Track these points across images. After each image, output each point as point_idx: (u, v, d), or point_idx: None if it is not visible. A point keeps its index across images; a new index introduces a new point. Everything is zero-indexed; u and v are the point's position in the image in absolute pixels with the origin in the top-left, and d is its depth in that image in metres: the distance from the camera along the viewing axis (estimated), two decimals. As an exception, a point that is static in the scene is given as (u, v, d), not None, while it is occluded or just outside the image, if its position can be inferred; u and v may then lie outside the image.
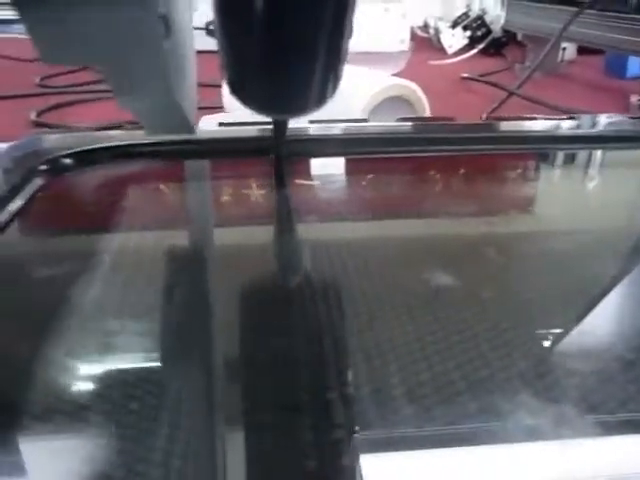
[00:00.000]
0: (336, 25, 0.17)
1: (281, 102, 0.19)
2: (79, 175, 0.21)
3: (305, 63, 0.18)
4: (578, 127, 0.31)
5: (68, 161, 0.21)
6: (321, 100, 0.20)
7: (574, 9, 0.73)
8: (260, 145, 0.26)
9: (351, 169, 0.28)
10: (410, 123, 0.32)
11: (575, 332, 0.16)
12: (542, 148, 0.31)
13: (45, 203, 0.20)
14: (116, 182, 0.23)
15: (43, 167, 0.20)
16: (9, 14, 1.26)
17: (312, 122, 0.30)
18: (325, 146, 0.28)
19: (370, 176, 0.28)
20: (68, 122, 0.65)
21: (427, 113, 0.48)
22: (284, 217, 0.24)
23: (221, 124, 0.29)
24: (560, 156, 0.31)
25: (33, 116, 0.65)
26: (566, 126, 0.32)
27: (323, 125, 0.29)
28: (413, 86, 0.47)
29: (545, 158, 0.31)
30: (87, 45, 0.15)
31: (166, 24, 0.17)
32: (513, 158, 0.31)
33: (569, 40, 0.82)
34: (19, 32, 1.16)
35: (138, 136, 0.24)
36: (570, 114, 0.68)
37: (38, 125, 0.65)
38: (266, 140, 0.26)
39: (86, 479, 0.11)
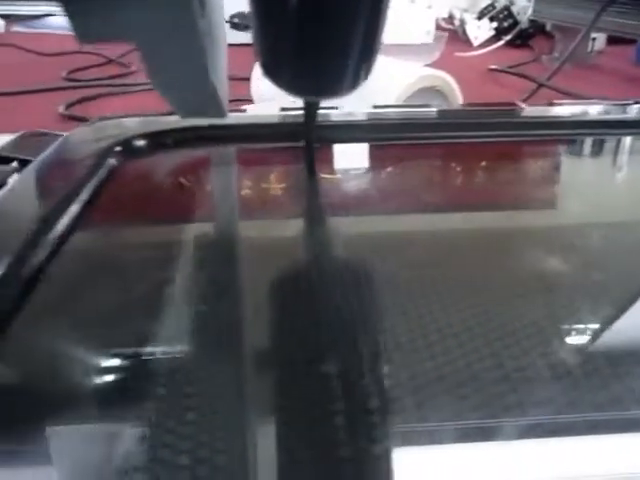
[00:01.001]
0: (375, 4, 0.17)
1: (316, 83, 0.19)
2: (152, 158, 0.21)
3: (343, 43, 0.18)
4: (613, 113, 0.30)
5: (141, 143, 0.21)
6: (355, 82, 0.19)
7: (606, -2, 0.71)
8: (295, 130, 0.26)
9: (375, 160, 0.28)
10: (445, 109, 0.31)
11: (619, 327, 0.16)
12: (582, 133, 0.30)
13: (118, 185, 0.20)
14: (190, 165, 0.24)
15: (117, 149, 0.20)
16: (34, 9, 1.28)
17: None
18: (356, 132, 0.28)
19: (396, 166, 0.27)
20: (95, 115, 0.66)
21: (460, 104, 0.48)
22: (316, 206, 0.24)
23: (284, 109, 0.29)
24: (592, 142, 0.31)
25: (61, 109, 0.66)
26: (600, 111, 0.31)
27: (353, 111, 0.29)
28: (447, 77, 0.46)
29: (581, 144, 0.31)
30: (122, 22, 0.15)
31: (200, 1, 0.16)
32: (550, 144, 0.30)
33: (600, 30, 0.81)
34: (44, 27, 1.17)
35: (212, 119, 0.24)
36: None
37: (66, 118, 0.66)
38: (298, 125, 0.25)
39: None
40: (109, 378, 0.13)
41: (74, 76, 0.80)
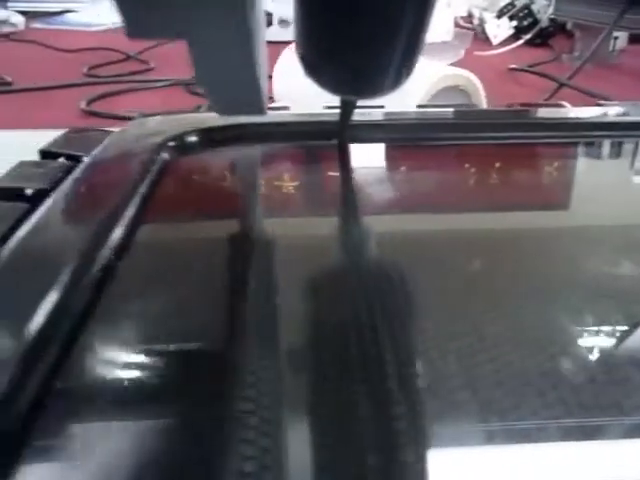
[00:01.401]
0: (422, 4, 0.17)
1: (357, 82, 0.19)
2: (203, 154, 0.22)
3: (388, 42, 0.18)
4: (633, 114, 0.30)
5: (192, 140, 0.21)
6: (397, 82, 0.19)
7: (629, -3, 0.71)
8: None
9: (391, 159, 0.28)
10: (476, 110, 0.31)
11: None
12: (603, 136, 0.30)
13: (174, 181, 0.21)
14: (240, 161, 0.24)
15: (169, 145, 0.20)
16: (52, 6, 1.29)
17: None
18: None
19: (416, 166, 0.27)
20: (117, 111, 0.66)
21: (484, 104, 0.48)
22: (350, 203, 0.24)
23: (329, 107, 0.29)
24: (613, 145, 0.31)
25: (83, 105, 0.67)
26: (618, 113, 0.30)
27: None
28: (471, 76, 0.46)
29: (600, 146, 0.30)
30: (174, 18, 0.15)
31: None
32: (582, 146, 0.30)
33: (622, 29, 0.80)
34: (62, 24, 1.18)
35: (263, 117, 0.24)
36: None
37: (88, 113, 0.67)
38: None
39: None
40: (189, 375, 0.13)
41: (94, 72, 0.81)
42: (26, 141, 0.39)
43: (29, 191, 0.16)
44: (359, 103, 0.25)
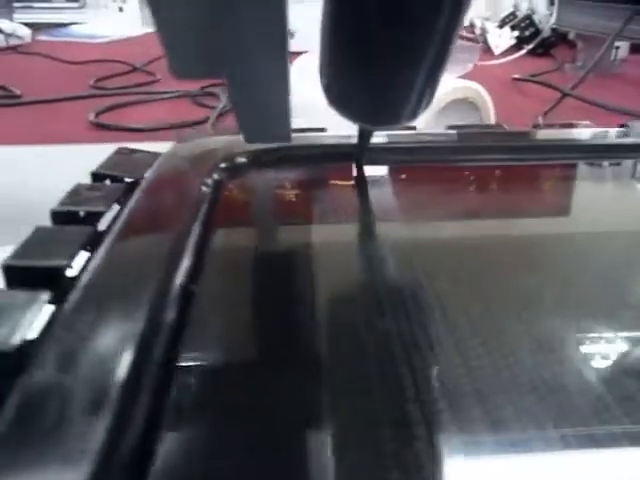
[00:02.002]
0: (447, 38, 0.17)
1: (379, 114, 0.20)
2: (252, 175, 0.22)
3: (412, 78, 0.18)
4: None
5: (243, 161, 0.22)
6: (415, 114, 0.20)
7: (631, 6, 0.72)
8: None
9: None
10: (497, 131, 0.31)
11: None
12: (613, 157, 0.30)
13: (232, 200, 0.21)
14: (290, 181, 0.24)
15: (221, 166, 0.21)
16: (58, 18, 1.30)
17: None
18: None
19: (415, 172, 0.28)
20: (127, 123, 0.67)
21: (492, 116, 0.49)
22: (368, 222, 0.24)
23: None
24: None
25: (92, 117, 0.67)
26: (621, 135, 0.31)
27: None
28: (480, 88, 0.47)
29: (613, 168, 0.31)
30: (221, 59, 0.16)
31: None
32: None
33: (624, 38, 0.81)
34: (67, 36, 1.20)
35: (311, 140, 0.25)
36: (631, 115, 0.66)
37: (96, 126, 0.67)
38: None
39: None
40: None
41: (101, 84, 0.82)
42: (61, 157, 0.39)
43: (81, 212, 0.17)
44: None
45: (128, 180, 0.20)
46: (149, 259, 0.15)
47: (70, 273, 0.14)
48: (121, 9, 1.58)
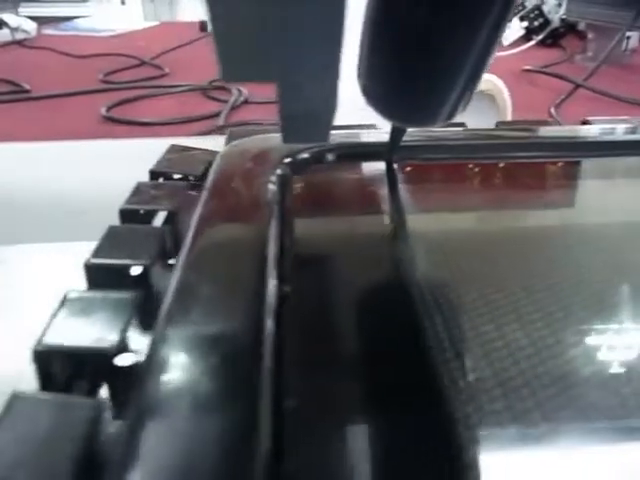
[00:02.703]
0: (490, 43, 0.17)
1: (418, 114, 0.20)
2: (313, 171, 0.23)
3: (453, 81, 0.18)
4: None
5: (306, 157, 0.22)
6: (454, 113, 0.20)
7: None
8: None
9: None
10: (525, 127, 0.31)
11: None
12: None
13: (299, 196, 0.22)
14: (358, 177, 0.25)
15: (286, 161, 0.21)
16: (63, 11, 1.30)
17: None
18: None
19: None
20: (136, 117, 0.68)
21: (509, 108, 0.49)
22: (400, 220, 0.25)
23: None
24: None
25: (103, 111, 0.68)
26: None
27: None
28: (497, 80, 0.47)
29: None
30: (270, 62, 0.16)
31: None
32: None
33: (636, 28, 0.81)
34: (73, 30, 1.20)
35: (373, 137, 0.25)
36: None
37: (108, 120, 0.68)
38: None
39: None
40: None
41: (110, 78, 0.82)
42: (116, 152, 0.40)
43: (150, 211, 0.17)
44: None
45: (180, 177, 0.20)
46: (238, 259, 0.15)
47: (152, 273, 0.15)
48: (123, 2, 1.57)
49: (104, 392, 0.13)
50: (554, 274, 0.19)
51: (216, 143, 0.28)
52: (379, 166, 0.26)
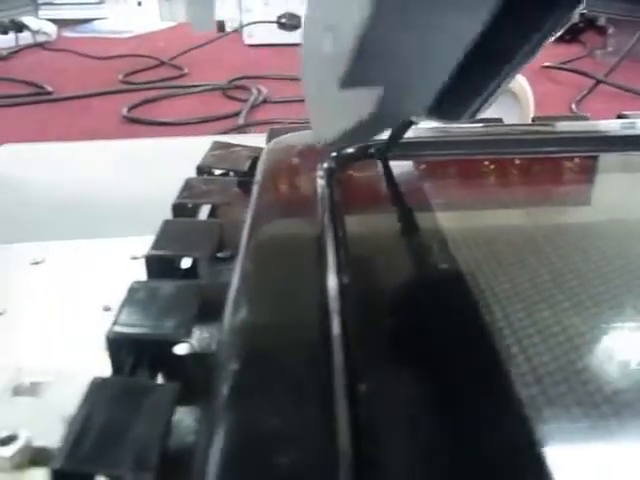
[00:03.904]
0: (536, 53, 0.18)
1: (447, 111, 0.21)
2: (357, 166, 0.23)
3: (499, 84, 0.19)
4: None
5: (351, 152, 0.22)
6: (480, 111, 0.21)
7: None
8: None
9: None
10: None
11: None
12: None
13: (347, 190, 0.22)
14: (404, 172, 0.25)
15: (332, 155, 0.22)
16: (81, 13, 1.32)
17: None
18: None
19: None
20: (157, 117, 0.69)
21: (531, 104, 0.49)
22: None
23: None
24: None
25: (125, 112, 0.69)
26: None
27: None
28: (520, 78, 0.47)
29: None
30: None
31: None
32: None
33: (658, 24, 0.80)
34: (91, 32, 1.21)
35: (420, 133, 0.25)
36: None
37: (129, 120, 0.69)
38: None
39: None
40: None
41: (130, 79, 0.83)
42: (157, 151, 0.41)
43: (201, 206, 0.18)
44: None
45: (224, 173, 0.21)
46: (298, 250, 0.15)
47: (213, 264, 0.15)
48: (139, 3, 1.59)
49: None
50: (608, 266, 0.20)
51: (244, 140, 0.29)
52: (421, 161, 0.26)
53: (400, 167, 0.26)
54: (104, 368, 0.14)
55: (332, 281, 0.14)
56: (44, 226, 0.26)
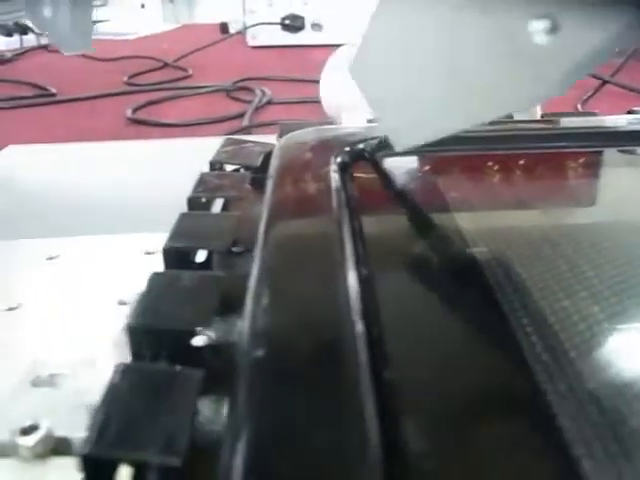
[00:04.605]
0: None
1: None
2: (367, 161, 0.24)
3: None
4: None
5: (362, 148, 0.23)
6: None
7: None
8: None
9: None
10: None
11: None
12: None
13: (362, 183, 0.23)
14: (418, 166, 0.26)
15: (346, 150, 0.22)
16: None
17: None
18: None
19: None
20: (161, 119, 0.69)
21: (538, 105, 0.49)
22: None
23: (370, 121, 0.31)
24: None
25: (129, 113, 0.69)
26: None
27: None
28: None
29: None
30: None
31: None
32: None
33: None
34: (95, 34, 1.22)
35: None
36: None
37: (133, 122, 0.69)
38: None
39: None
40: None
41: (134, 81, 0.84)
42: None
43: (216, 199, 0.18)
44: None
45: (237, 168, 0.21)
46: (316, 243, 0.16)
47: (227, 257, 0.16)
48: (143, 5, 1.60)
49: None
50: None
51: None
52: (429, 156, 0.27)
53: (411, 163, 0.26)
54: (120, 360, 0.14)
55: (351, 270, 0.15)
56: (57, 223, 0.27)
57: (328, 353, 0.12)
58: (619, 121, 0.29)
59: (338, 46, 0.60)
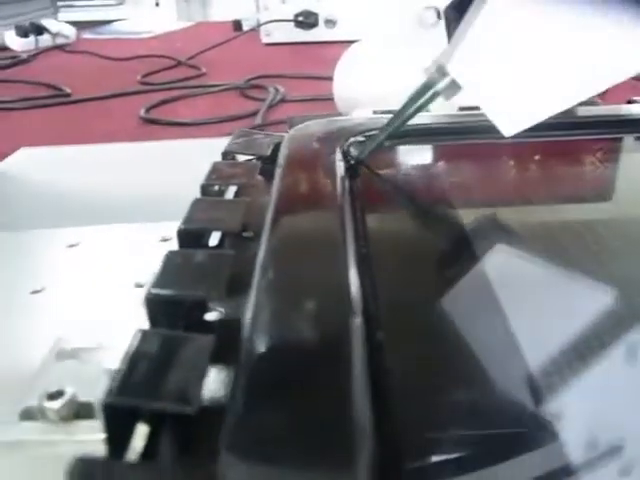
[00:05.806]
0: None
1: None
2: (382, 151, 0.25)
3: None
4: None
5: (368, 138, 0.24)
6: None
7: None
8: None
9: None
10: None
11: None
12: None
13: (368, 173, 0.24)
14: (426, 158, 0.27)
15: (352, 140, 0.24)
16: (100, 15, 1.36)
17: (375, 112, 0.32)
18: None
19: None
20: (175, 118, 0.71)
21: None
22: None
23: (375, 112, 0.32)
24: None
25: (142, 112, 0.71)
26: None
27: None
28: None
29: None
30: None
31: None
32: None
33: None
34: (110, 33, 1.25)
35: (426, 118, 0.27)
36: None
37: (147, 121, 0.71)
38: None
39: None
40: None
41: (148, 80, 0.86)
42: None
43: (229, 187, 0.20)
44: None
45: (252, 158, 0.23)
46: (322, 231, 0.17)
47: (239, 241, 0.17)
48: (157, 4, 1.64)
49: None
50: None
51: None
52: (439, 145, 0.28)
53: (420, 152, 0.27)
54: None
55: (354, 252, 0.16)
56: (75, 217, 0.28)
57: (328, 330, 0.13)
58: (626, 110, 0.30)
59: (352, 43, 0.61)
